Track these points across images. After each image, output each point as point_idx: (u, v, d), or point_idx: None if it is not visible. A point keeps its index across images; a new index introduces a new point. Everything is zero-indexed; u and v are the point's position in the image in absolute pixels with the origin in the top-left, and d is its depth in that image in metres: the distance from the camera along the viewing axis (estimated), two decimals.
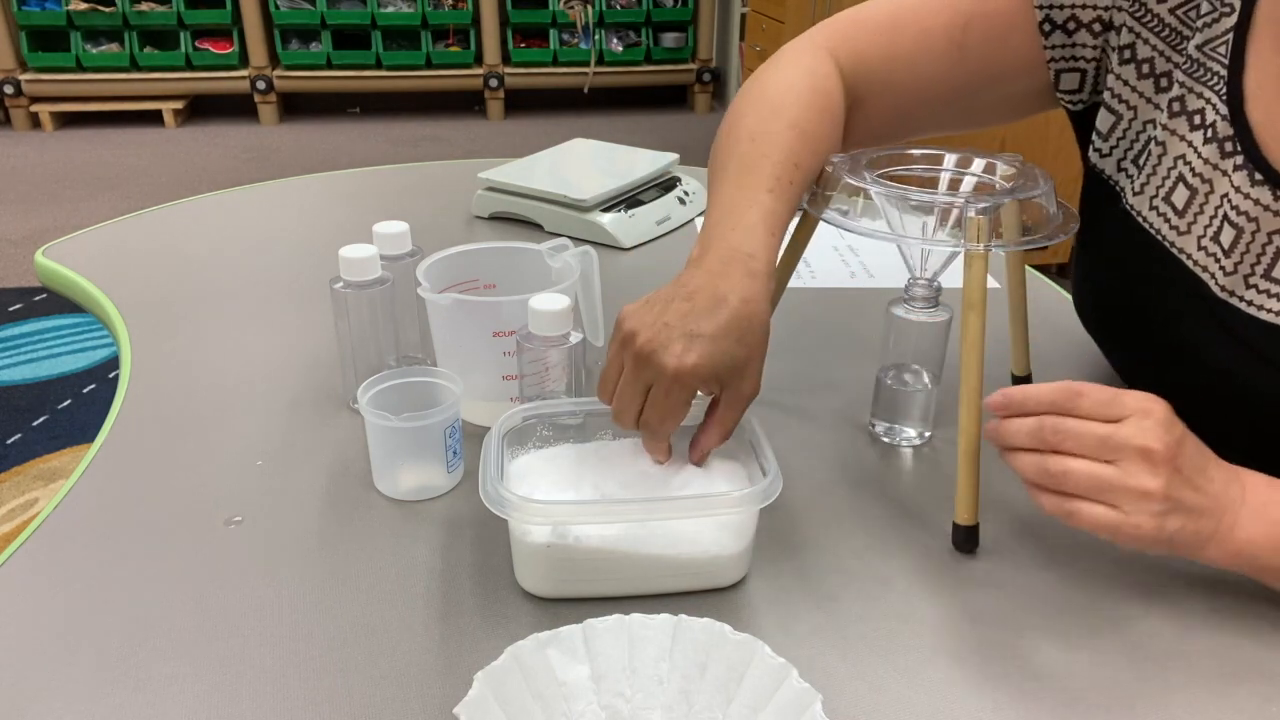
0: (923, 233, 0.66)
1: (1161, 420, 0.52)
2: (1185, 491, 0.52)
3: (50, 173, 3.77)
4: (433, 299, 0.72)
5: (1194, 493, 0.52)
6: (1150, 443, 0.51)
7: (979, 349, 0.62)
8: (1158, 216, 0.68)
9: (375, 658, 0.54)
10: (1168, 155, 0.68)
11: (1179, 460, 0.52)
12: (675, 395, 0.59)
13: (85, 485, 0.69)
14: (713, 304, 0.60)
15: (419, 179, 1.39)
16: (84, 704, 0.51)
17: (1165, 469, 0.51)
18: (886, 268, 1.10)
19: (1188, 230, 0.66)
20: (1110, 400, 0.52)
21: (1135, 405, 0.52)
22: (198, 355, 0.87)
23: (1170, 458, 0.51)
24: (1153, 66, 0.69)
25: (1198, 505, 0.53)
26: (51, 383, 2.31)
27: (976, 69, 0.75)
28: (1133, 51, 0.70)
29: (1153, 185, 0.69)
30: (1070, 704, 0.52)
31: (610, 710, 0.50)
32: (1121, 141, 0.73)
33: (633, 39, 4.80)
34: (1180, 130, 0.67)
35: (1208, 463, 0.54)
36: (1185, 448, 0.52)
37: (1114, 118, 0.72)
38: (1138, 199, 0.70)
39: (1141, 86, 0.70)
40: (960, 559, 0.63)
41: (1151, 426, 0.51)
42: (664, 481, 0.62)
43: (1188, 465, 0.52)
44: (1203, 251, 0.66)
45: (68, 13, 4.20)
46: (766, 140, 0.71)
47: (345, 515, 0.66)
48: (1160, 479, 0.51)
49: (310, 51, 4.49)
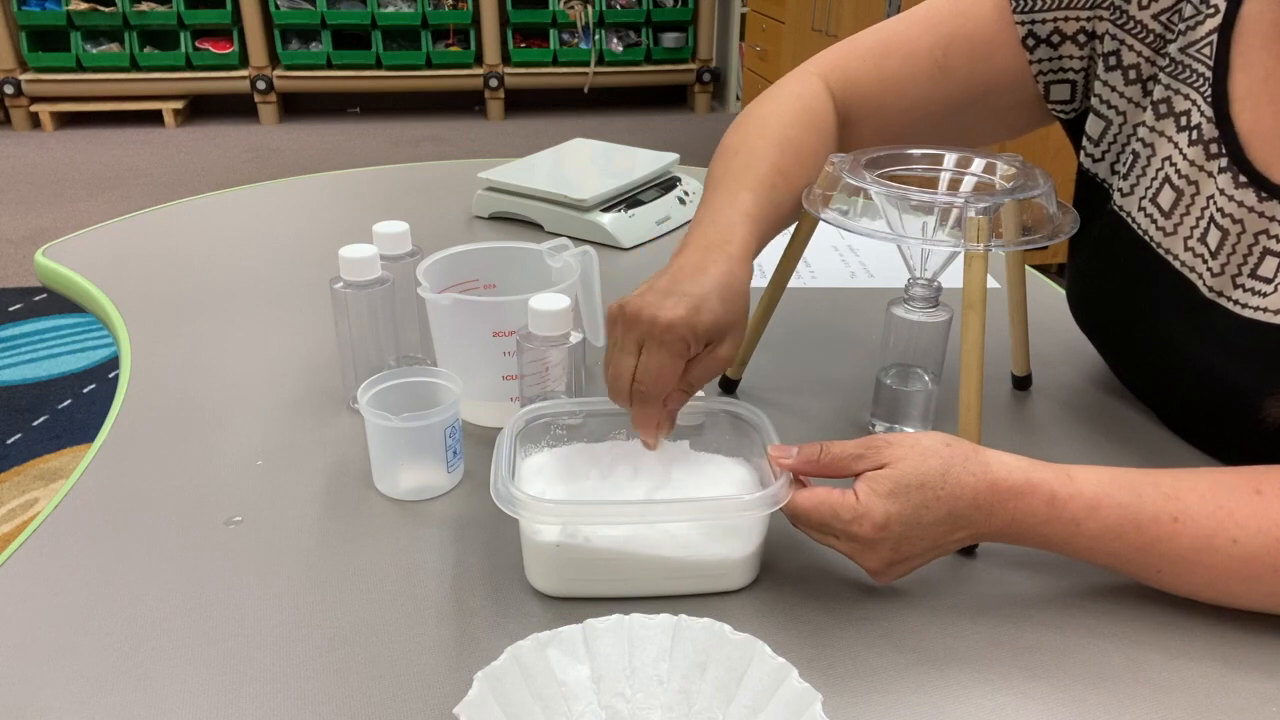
0: (923, 233, 0.66)
1: (868, 543, 0.56)
2: (913, 561, 0.58)
3: (50, 173, 3.77)
4: (433, 299, 0.72)
5: (929, 554, 0.58)
6: (862, 562, 0.58)
7: (979, 349, 0.62)
8: (1145, 218, 0.69)
9: (375, 658, 0.54)
10: (1156, 156, 0.68)
11: (900, 554, 0.57)
12: (667, 349, 0.60)
13: (85, 485, 0.69)
14: (695, 272, 0.62)
15: (419, 179, 1.39)
16: (84, 704, 0.51)
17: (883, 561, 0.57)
18: (886, 268, 1.10)
19: (1174, 231, 0.67)
20: (821, 524, 0.57)
21: (845, 531, 0.56)
22: (198, 355, 0.87)
23: (884, 566, 0.57)
24: (1139, 72, 0.70)
25: (943, 548, 0.58)
26: (51, 383, 2.31)
27: (962, 88, 0.77)
28: (1118, 58, 0.70)
29: (1141, 187, 0.69)
30: (1070, 704, 0.52)
31: (610, 710, 0.50)
32: (1113, 146, 0.73)
33: (633, 39, 4.80)
34: (1168, 131, 0.68)
35: (955, 523, 0.56)
36: (908, 541, 0.56)
37: (1103, 123, 0.73)
38: (1126, 200, 0.71)
39: (1129, 92, 0.71)
40: (960, 559, 0.63)
41: (859, 549, 0.57)
42: (675, 484, 0.62)
43: (915, 546, 0.57)
44: (1189, 253, 0.66)
45: (68, 13, 4.20)
46: (750, 153, 0.73)
47: (345, 515, 0.66)
48: (872, 560, 0.57)
49: (310, 51, 4.49)
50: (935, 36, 0.76)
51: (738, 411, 0.64)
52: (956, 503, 0.56)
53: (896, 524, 0.55)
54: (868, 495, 0.55)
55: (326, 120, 4.64)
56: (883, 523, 0.55)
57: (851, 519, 0.55)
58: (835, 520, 0.56)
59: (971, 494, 0.56)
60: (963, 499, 0.56)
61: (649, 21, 4.77)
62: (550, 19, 4.64)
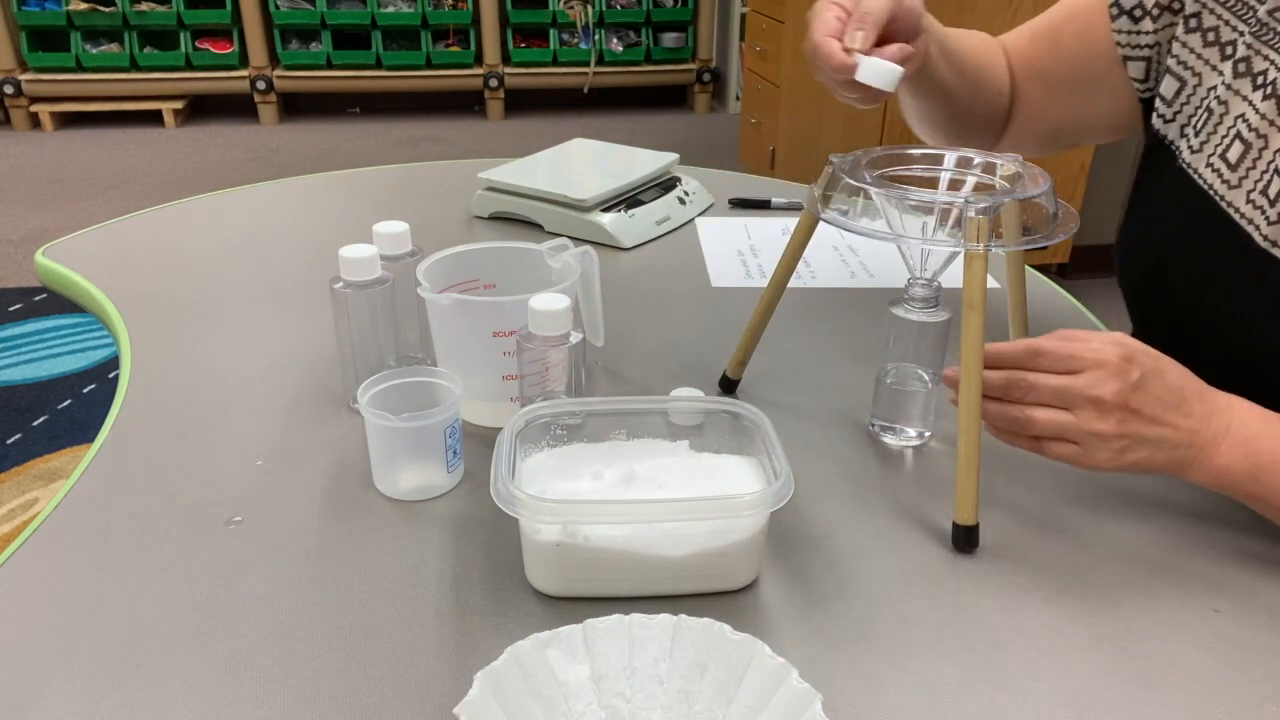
0: (923, 233, 0.66)
1: (1114, 370, 0.58)
2: (1144, 428, 0.59)
3: (50, 173, 3.77)
4: (433, 299, 0.72)
5: (1157, 427, 0.59)
6: (1100, 392, 0.58)
7: (979, 349, 0.62)
8: (1212, 173, 0.71)
9: (375, 658, 0.54)
10: (1229, 114, 0.71)
11: (1134, 403, 0.59)
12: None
13: (85, 485, 0.69)
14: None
15: (419, 179, 1.39)
16: (84, 704, 0.51)
17: (1117, 413, 0.58)
18: (886, 268, 1.10)
19: (1239, 185, 0.69)
20: (1069, 356, 0.60)
21: (1091, 358, 0.59)
22: (198, 355, 0.87)
23: (1121, 403, 0.58)
24: (1218, 35, 0.73)
25: (1161, 437, 0.59)
26: (51, 383, 2.31)
27: (1071, 65, 0.84)
28: (1199, 20, 0.74)
29: (1211, 144, 0.72)
30: (1070, 704, 0.52)
31: (610, 710, 0.50)
32: (1185, 107, 0.76)
33: (633, 39, 4.80)
34: (1244, 90, 0.70)
35: (1183, 399, 0.60)
36: (1145, 390, 0.59)
37: (1178, 83, 0.76)
38: (1195, 157, 0.73)
39: (1207, 54, 0.74)
40: (960, 559, 0.63)
41: (1103, 377, 0.58)
42: (675, 484, 0.62)
43: (1149, 405, 0.59)
44: (1250, 204, 0.68)
45: (68, 13, 4.20)
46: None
47: (345, 515, 0.66)
48: (1110, 422, 0.59)
49: (310, 51, 4.49)
50: (1061, 16, 0.85)
51: (738, 411, 0.64)
52: (1189, 380, 0.60)
53: (1143, 358, 0.58)
54: (1100, 350, 0.59)
55: (326, 120, 4.64)
56: (1130, 354, 0.58)
57: (1100, 345, 0.58)
58: (1084, 349, 0.58)
59: (1196, 382, 0.61)
60: (1191, 380, 0.60)
61: (649, 21, 4.77)
62: (550, 19, 4.64)
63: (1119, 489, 0.70)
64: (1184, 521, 0.67)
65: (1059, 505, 0.69)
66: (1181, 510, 0.68)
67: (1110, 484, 0.71)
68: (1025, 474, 0.72)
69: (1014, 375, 0.62)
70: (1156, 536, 0.66)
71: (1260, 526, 0.65)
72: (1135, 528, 0.66)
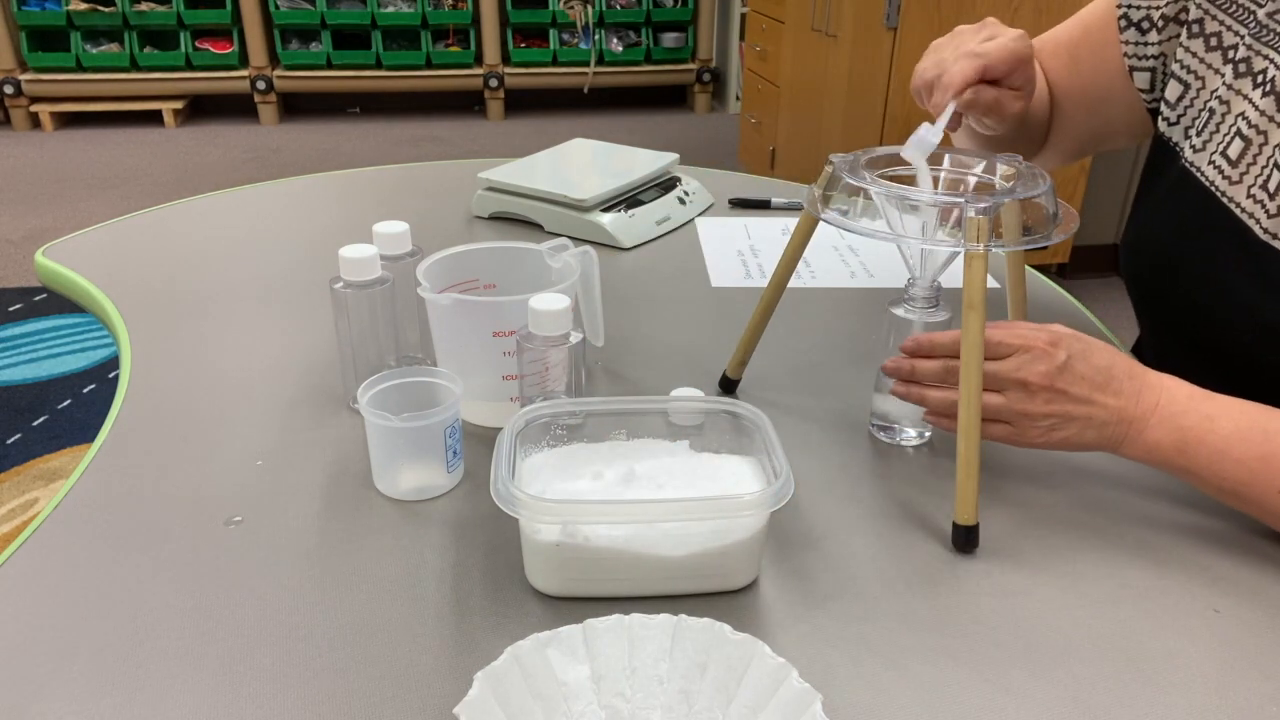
0: (923, 233, 0.66)
1: (1039, 354, 0.62)
2: (1070, 406, 0.62)
3: (50, 173, 3.77)
4: (433, 299, 0.72)
5: (1084, 406, 0.62)
6: (1025, 375, 0.62)
7: (979, 349, 0.62)
8: (1214, 170, 0.72)
9: (375, 658, 0.54)
10: (1230, 113, 0.72)
11: (1060, 383, 0.62)
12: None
13: (85, 485, 0.69)
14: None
15: (419, 179, 1.39)
16: (84, 704, 0.51)
17: (1043, 394, 0.62)
18: (886, 268, 1.10)
19: (1239, 180, 0.70)
20: (997, 343, 0.63)
21: (1018, 344, 0.63)
22: (198, 355, 0.87)
23: (1047, 384, 0.62)
24: (1220, 39, 0.74)
25: (1089, 415, 0.63)
26: (51, 383, 2.31)
27: (1088, 80, 0.86)
28: (1201, 26, 0.75)
29: (1214, 143, 0.73)
30: (1070, 704, 0.52)
31: (610, 710, 0.50)
32: (1189, 109, 0.77)
33: (633, 39, 4.80)
34: (1244, 90, 0.71)
35: (1111, 378, 0.62)
36: (1071, 371, 0.62)
37: (1182, 87, 0.77)
38: (1197, 156, 0.74)
39: (1209, 58, 0.75)
40: (960, 559, 0.63)
41: (1029, 360, 0.62)
42: (675, 484, 0.62)
43: (1076, 385, 0.62)
44: (1250, 199, 0.69)
45: (68, 13, 4.20)
46: None
47: (345, 515, 0.66)
48: (1037, 402, 0.62)
49: (310, 51, 4.49)
50: (1076, 33, 0.86)
51: (737, 411, 0.64)
52: (1119, 360, 0.63)
53: (1070, 341, 0.62)
54: (1028, 336, 0.62)
55: (326, 120, 4.64)
56: (1056, 339, 0.61)
57: (1028, 332, 0.61)
58: (1010, 335, 0.61)
59: (1128, 362, 0.63)
60: (1122, 361, 0.63)
61: (649, 21, 4.77)
62: (550, 19, 4.64)
63: (1118, 489, 0.70)
64: (1184, 522, 0.67)
65: (1059, 505, 0.69)
66: (1181, 510, 0.68)
67: (1110, 484, 0.71)
68: (1025, 474, 0.72)
69: (950, 364, 0.65)
70: (1156, 536, 0.66)
71: (1261, 526, 0.65)
72: (1135, 528, 0.66)
